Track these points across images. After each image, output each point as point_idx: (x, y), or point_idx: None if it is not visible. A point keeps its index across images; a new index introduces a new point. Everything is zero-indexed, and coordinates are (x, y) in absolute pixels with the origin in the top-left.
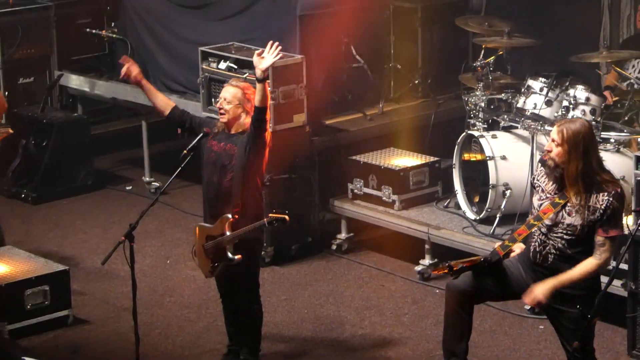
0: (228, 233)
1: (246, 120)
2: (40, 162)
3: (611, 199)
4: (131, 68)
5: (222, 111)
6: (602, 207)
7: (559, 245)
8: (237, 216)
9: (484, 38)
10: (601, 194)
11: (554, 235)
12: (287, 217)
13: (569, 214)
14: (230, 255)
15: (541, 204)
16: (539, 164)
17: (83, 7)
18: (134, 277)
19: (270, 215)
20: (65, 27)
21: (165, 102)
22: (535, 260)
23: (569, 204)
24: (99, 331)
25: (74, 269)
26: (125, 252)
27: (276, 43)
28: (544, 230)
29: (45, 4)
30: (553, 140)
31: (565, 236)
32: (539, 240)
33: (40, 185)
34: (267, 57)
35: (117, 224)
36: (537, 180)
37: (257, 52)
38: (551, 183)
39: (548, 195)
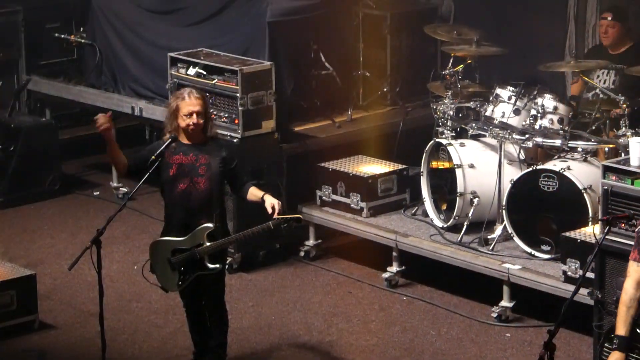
0: (208, 243)
1: (210, 124)
2: (7, 166)
3: None
4: (109, 125)
5: (193, 127)
6: None
7: None
8: (218, 225)
9: (453, 46)
10: None
11: None
12: (300, 215)
13: None
14: (210, 265)
15: None
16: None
17: (52, 11)
18: (101, 282)
19: (276, 217)
20: (34, 31)
21: (123, 159)
22: None
23: None
24: (66, 336)
25: (41, 274)
26: (92, 257)
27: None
28: None
29: (13, 8)
30: None
31: None
32: None
33: (7, 190)
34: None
35: (85, 229)
36: None
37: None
38: None
39: None
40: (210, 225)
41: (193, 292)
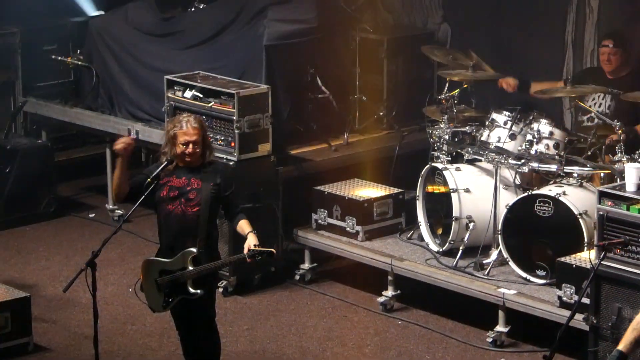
0: (191, 267)
1: (208, 151)
2: (3, 188)
3: None
4: (128, 146)
5: (189, 157)
6: None
7: None
8: (201, 250)
9: (449, 71)
10: None
11: None
12: (274, 250)
13: None
14: (192, 290)
15: None
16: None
17: (49, 33)
18: (96, 304)
19: (252, 249)
20: (31, 53)
21: (127, 185)
22: None
23: None
24: (60, 359)
25: (35, 296)
26: (87, 279)
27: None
28: None
29: (10, 29)
30: None
31: None
32: None
33: (2, 212)
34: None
35: (80, 252)
36: None
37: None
38: None
39: None
40: (193, 250)
41: (182, 315)
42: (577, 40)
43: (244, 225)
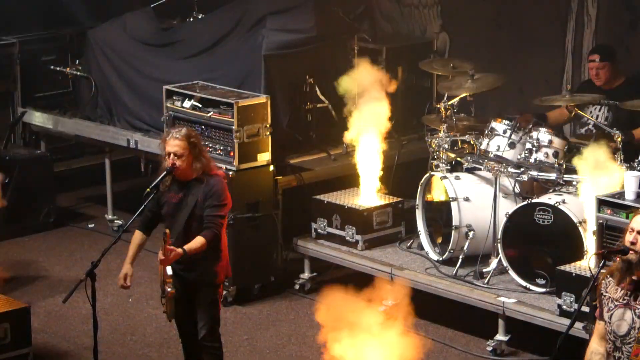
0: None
1: (197, 165)
2: (2, 198)
3: None
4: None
5: (174, 167)
6: None
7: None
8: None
9: (449, 84)
10: None
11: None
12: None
13: None
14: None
15: (612, 315)
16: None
17: (48, 44)
18: (95, 315)
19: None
20: (30, 63)
21: (144, 238)
22: None
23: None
24: None
25: (35, 307)
26: (86, 290)
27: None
28: (618, 344)
29: (9, 40)
30: (639, 232)
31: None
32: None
33: (2, 222)
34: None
35: (79, 262)
36: (606, 291)
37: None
38: (620, 289)
39: (617, 303)
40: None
41: (187, 322)
42: (577, 49)
43: (194, 241)
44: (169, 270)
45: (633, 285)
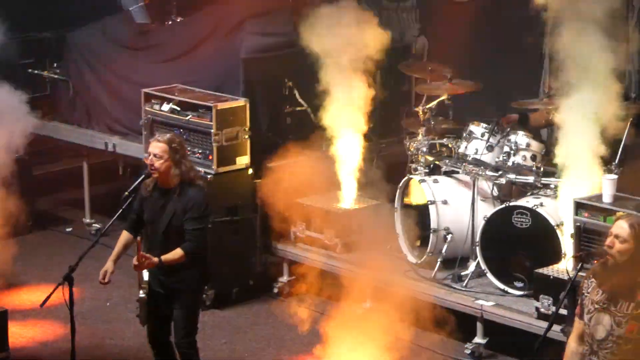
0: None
1: (176, 172)
2: None
3: None
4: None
5: (152, 168)
6: None
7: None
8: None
9: (427, 86)
10: None
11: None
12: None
13: (618, 325)
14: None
15: (591, 317)
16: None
17: (26, 47)
18: (73, 319)
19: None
20: (8, 67)
21: (131, 238)
22: None
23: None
24: None
25: (12, 311)
26: (64, 294)
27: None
28: (595, 347)
29: None
30: (617, 236)
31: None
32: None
33: None
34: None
35: (57, 266)
36: (588, 292)
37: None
38: (600, 292)
39: (597, 307)
40: (136, 264)
41: (162, 331)
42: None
43: (173, 252)
44: (145, 275)
45: (613, 290)
